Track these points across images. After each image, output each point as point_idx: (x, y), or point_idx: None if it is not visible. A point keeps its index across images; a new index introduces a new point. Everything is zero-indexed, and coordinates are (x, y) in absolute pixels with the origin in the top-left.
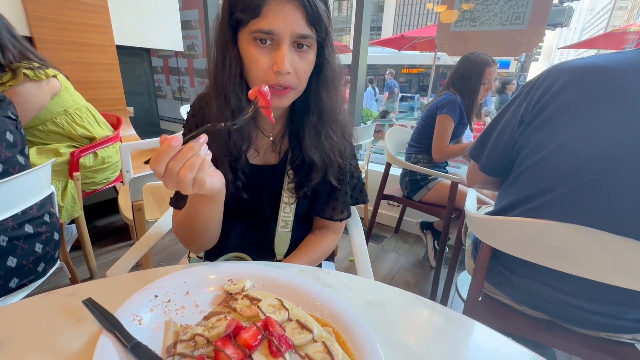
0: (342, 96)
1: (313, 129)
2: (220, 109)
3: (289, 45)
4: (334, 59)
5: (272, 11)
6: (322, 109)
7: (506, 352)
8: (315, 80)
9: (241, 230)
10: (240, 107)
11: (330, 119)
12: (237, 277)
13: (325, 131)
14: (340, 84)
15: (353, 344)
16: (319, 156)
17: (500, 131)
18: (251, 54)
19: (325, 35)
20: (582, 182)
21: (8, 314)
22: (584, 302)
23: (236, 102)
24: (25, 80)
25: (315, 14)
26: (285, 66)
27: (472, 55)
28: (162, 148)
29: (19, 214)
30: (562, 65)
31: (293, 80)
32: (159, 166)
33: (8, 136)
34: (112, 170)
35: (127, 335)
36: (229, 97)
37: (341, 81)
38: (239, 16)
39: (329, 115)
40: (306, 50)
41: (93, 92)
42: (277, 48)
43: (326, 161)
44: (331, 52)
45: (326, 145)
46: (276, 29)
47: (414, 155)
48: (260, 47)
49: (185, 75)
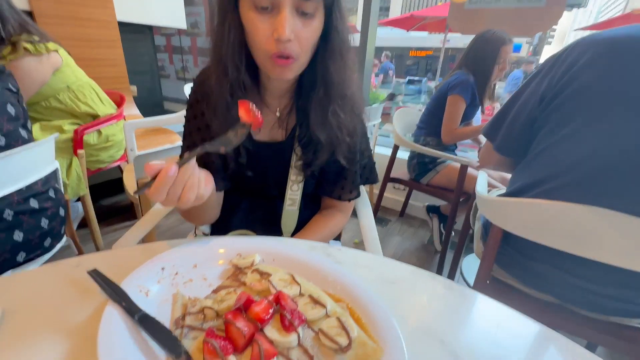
0: (351, 68)
1: (319, 104)
2: (219, 81)
3: (290, 10)
4: (343, 27)
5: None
6: (328, 82)
7: (527, 333)
8: (322, 50)
9: (248, 208)
10: (238, 79)
11: (337, 93)
12: (246, 251)
13: (332, 107)
14: (349, 55)
15: (368, 320)
16: (326, 134)
17: (519, 109)
18: (251, 20)
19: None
20: (604, 164)
21: (13, 283)
22: (595, 286)
23: (235, 73)
24: (26, 54)
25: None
26: (285, 32)
27: (487, 33)
28: (160, 178)
29: (24, 189)
30: (591, 37)
31: (295, 48)
32: (160, 195)
33: (9, 109)
34: (117, 148)
35: (134, 306)
36: (227, 68)
37: (350, 51)
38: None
39: (336, 89)
40: (311, 17)
41: (95, 69)
42: (278, 13)
43: (334, 140)
44: (340, 19)
45: (333, 122)
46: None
47: (422, 138)
48: (261, 13)
49: (188, 54)
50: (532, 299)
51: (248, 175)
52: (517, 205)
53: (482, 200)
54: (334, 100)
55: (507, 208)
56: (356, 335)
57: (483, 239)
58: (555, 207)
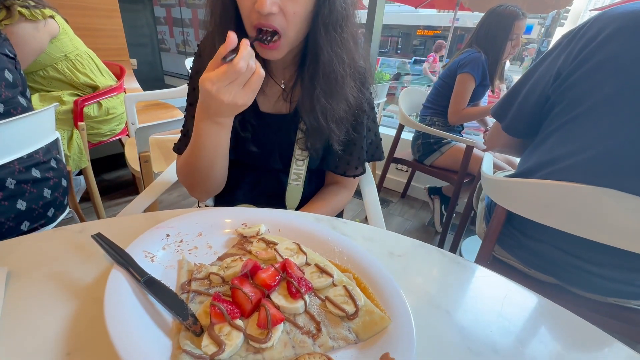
0: (347, 48)
1: (306, 86)
2: (212, 50)
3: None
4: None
5: None
6: (316, 62)
7: (532, 305)
8: (314, 24)
9: (252, 181)
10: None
11: (323, 76)
12: (252, 221)
13: (315, 93)
14: (343, 32)
15: (375, 290)
16: (312, 119)
17: (531, 87)
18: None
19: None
20: (620, 142)
21: (17, 246)
22: (596, 267)
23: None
24: (21, 19)
25: None
26: (266, 4)
27: (499, 7)
28: (230, 70)
29: (25, 158)
30: (612, 10)
31: (280, 22)
32: (223, 84)
33: (7, 75)
34: (117, 122)
35: (140, 270)
36: (214, 39)
37: (345, 28)
38: None
39: (322, 71)
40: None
41: (94, 39)
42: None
43: (320, 126)
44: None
45: (318, 108)
46: None
47: (429, 117)
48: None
49: (189, 27)
50: (532, 279)
51: (252, 149)
52: (522, 185)
53: (488, 181)
54: (317, 84)
55: (512, 189)
56: (363, 303)
57: (486, 220)
58: (561, 188)
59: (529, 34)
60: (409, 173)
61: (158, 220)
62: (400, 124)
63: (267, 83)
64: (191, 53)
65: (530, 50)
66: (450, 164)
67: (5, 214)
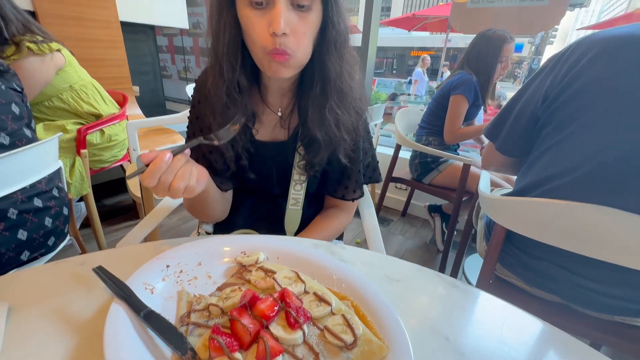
0: (349, 63)
1: (316, 100)
2: (215, 82)
3: (285, 3)
4: (340, 19)
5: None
6: (325, 78)
7: (532, 331)
8: (319, 45)
9: (251, 207)
10: (233, 79)
11: (334, 88)
12: (251, 249)
13: (329, 103)
14: (346, 49)
15: (374, 317)
16: (324, 132)
17: (522, 108)
18: (247, 17)
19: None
20: (609, 161)
21: (18, 281)
22: (599, 285)
23: (230, 73)
24: (29, 54)
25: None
26: (280, 26)
27: (488, 31)
28: (154, 164)
29: (28, 188)
30: (594, 35)
31: (291, 43)
32: (152, 180)
33: (14, 108)
34: (119, 148)
35: (140, 303)
36: (222, 68)
37: (348, 46)
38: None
39: (333, 84)
40: (307, 10)
41: (98, 70)
42: (273, 7)
43: (332, 138)
44: (335, 11)
45: (331, 119)
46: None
47: (425, 137)
48: (256, 9)
49: (190, 54)
50: (536, 299)
51: (250, 176)
52: (519, 204)
53: (485, 200)
54: (330, 97)
55: (509, 207)
56: (362, 332)
57: (486, 238)
58: (558, 206)
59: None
60: (408, 191)
61: (158, 250)
62: (398, 143)
63: (264, 112)
64: (192, 79)
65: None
66: (449, 182)
67: (6, 244)
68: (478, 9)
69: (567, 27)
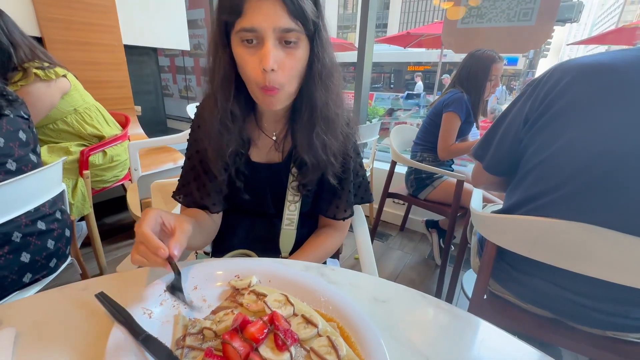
0: (337, 93)
1: (305, 127)
2: (210, 111)
3: (274, 42)
4: (324, 54)
5: (251, 8)
6: (313, 107)
7: (510, 350)
8: (307, 77)
9: (247, 227)
10: (226, 109)
11: (320, 117)
12: (244, 273)
13: (316, 130)
14: (333, 81)
15: (357, 339)
16: (312, 155)
17: (505, 130)
18: (240, 55)
19: (315, 29)
20: (589, 180)
21: (24, 307)
22: (590, 301)
23: (224, 104)
24: (36, 80)
25: (297, 6)
26: (269, 63)
27: (478, 52)
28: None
29: (32, 211)
30: (567, 63)
31: (279, 79)
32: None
33: (21, 135)
34: (121, 168)
35: (138, 327)
36: (217, 99)
37: (333, 77)
38: (226, 18)
39: (319, 113)
40: (294, 46)
41: (101, 91)
42: (263, 46)
43: (320, 161)
44: (321, 47)
45: (318, 144)
46: (257, 25)
47: (419, 154)
48: (248, 47)
49: (191, 74)
50: (530, 314)
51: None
52: (509, 221)
53: (476, 216)
54: (317, 123)
55: (499, 224)
56: (345, 353)
57: (479, 254)
58: (545, 224)
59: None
60: (406, 206)
61: (157, 275)
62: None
63: (259, 137)
64: (193, 98)
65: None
66: (444, 198)
67: (9, 267)
68: (468, 29)
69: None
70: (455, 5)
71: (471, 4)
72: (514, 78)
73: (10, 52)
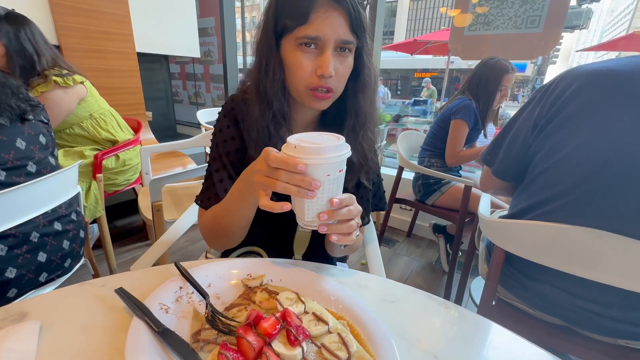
0: (375, 100)
1: (352, 131)
2: (262, 113)
3: (332, 50)
4: (371, 64)
5: (319, 18)
6: (359, 112)
7: (517, 350)
8: (353, 84)
9: (263, 228)
10: (282, 110)
11: (367, 120)
12: (256, 272)
13: (362, 132)
14: (376, 88)
15: (367, 336)
16: (357, 157)
17: (514, 136)
18: (296, 58)
19: (364, 41)
20: (598, 186)
21: (47, 301)
22: (599, 307)
23: (278, 105)
24: (55, 86)
25: (358, 21)
26: (329, 70)
27: (491, 60)
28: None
29: (49, 212)
30: (576, 69)
31: (334, 83)
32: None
33: (41, 139)
34: (132, 172)
35: (157, 321)
36: (272, 101)
37: (375, 84)
38: (286, 23)
39: (366, 117)
40: (346, 54)
41: (115, 97)
42: (322, 53)
43: (362, 162)
44: (369, 57)
45: (364, 146)
46: (322, 35)
47: (427, 159)
48: (306, 52)
49: (201, 80)
50: (539, 321)
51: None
52: (517, 226)
53: (484, 222)
54: (365, 126)
55: (508, 229)
56: (355, 350)
57: (487, 260)
58: (553, 229)
59: (524, 72)
60: (413, 212)
61: (171, 273)
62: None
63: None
64: (202, 104)
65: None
66: (451, 203)
67: (27, 266)
68: (476, 36)
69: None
70: (462, 12)
71: (478, 11)
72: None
73: (34, 59)
